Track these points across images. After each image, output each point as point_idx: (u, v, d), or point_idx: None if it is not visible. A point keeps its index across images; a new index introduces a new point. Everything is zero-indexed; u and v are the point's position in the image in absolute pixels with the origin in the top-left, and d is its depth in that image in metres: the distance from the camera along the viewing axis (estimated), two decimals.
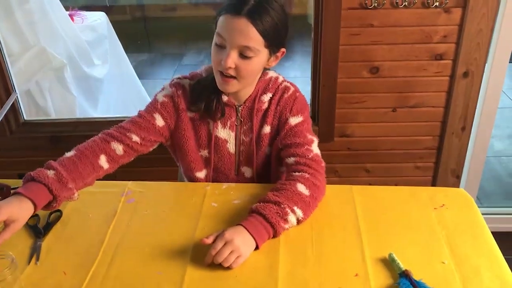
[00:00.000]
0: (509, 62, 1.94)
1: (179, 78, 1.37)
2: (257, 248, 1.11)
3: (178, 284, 1.03)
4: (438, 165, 2.09)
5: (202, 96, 1.31)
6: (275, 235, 1.14)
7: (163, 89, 1.36)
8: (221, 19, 1.20)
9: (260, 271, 1.06)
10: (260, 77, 1.33)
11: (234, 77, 1.23)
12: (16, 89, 2.05)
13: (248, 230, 1.10)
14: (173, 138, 1.38)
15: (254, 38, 1.18)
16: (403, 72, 1.91)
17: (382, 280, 1.03)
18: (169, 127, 1.34)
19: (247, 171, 1.41)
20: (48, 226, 1.20)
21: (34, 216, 1.22)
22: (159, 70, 4.25)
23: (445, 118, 1.99)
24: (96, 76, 2.72)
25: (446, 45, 1.85)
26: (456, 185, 2.13)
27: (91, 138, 1.27)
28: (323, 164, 1.30)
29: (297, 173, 1.24)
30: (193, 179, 1.41)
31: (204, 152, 1.38)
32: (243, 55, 1.20)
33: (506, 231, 2.27)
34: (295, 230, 1.17)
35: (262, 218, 1.13)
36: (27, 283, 1.04)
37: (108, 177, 1.31)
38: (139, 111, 1.34)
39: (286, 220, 1.14)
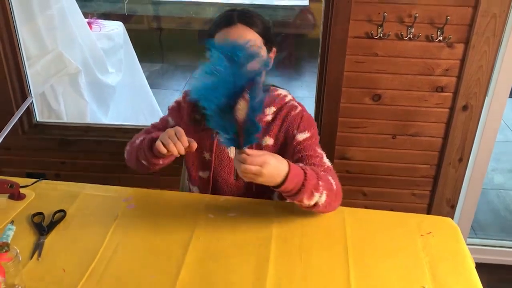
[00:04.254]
0: (510, 97, 2.00)
1: None
2: (282, 184, 1.16)
3: None
4: (434, 193, 2.14)
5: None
6: (297, 194, 1.19)
7: (183, 95, 1.51)
8: (219, 35, 1.31)
9: (248, 284, 1.11)
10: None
11: None
12: (32, 92, 2.13)
13: (289, 172, 1.16)
14: None
15: (253, 37, 1.31)
16: (405, 102, 1.97)
17: None
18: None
19: None
20: (52, 225, 1.27)
21: (40, 214, 1.30)
22: (171, 81, 4.35)
23: (443, 148, 2.04)
24: (109, 84, 2.80)
25: (447, 78, 1.91)
26: (451, 214, 2.17)
27: (138, 139, 1.41)
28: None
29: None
30: (195, 178, 1.50)
31: (207, 155, 1.46)
32: None
33: (498, 263, 2.30)
34: (284, 246, 1.23)
35: (303, 176, 1.18)
36: (28, 277, 1.10)
37: (112, 181, 1.38)
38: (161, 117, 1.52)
39: (312, 195, 1.20)
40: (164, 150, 1.22)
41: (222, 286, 1.10)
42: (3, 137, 1.37)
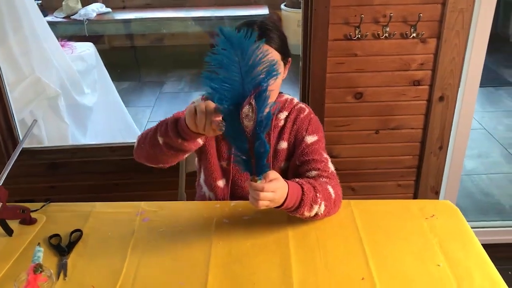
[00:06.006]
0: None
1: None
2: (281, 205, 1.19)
3: None
4: (418, 182, 2.25)
5: None
6: (297, 209, 1.23)
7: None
8: None
9: (276, 280, 1.16)
10: (277, 98, 1.47)
11: None
12: (15, 118, 2.11)
13: (288, 191, 1.19)
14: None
15: (272, 54, 1.33)
16: (385, 97, 2.07)
17: (387, 281, 1.14)
18: None
19: None
20: (71, 245, 1.27)
21: (56, 235, 1.31)
22: (140, 98, 4.33)
23: (424, 138, 2.15)
24: (86, 104, 2.80)
25: (423, 72, 2.02)
26: None
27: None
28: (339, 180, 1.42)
29: (324, 179, 1.35)
30: (213, 187, 1.50)
31: (224, 163, 1.49)
32: None
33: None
34: (302, 242, 1.28)
35: (301, 191, 1.23)
36: None
37: (105, 200, 1.42)
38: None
39: (312, 208, 1.25)
40: (193, 125, 1.16)
41: (251, 284, 1.14)
42: (11, 164, 1.37)
